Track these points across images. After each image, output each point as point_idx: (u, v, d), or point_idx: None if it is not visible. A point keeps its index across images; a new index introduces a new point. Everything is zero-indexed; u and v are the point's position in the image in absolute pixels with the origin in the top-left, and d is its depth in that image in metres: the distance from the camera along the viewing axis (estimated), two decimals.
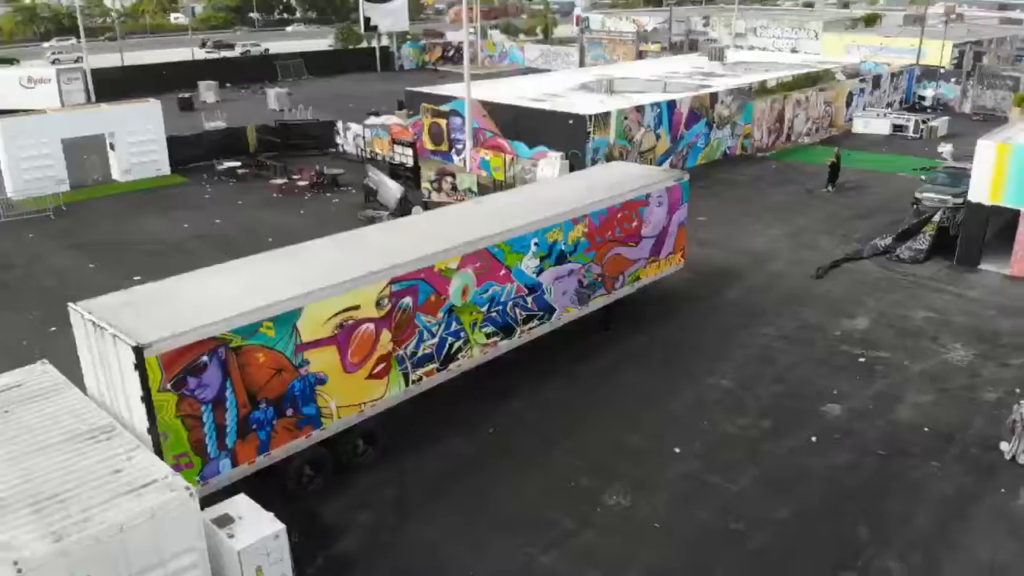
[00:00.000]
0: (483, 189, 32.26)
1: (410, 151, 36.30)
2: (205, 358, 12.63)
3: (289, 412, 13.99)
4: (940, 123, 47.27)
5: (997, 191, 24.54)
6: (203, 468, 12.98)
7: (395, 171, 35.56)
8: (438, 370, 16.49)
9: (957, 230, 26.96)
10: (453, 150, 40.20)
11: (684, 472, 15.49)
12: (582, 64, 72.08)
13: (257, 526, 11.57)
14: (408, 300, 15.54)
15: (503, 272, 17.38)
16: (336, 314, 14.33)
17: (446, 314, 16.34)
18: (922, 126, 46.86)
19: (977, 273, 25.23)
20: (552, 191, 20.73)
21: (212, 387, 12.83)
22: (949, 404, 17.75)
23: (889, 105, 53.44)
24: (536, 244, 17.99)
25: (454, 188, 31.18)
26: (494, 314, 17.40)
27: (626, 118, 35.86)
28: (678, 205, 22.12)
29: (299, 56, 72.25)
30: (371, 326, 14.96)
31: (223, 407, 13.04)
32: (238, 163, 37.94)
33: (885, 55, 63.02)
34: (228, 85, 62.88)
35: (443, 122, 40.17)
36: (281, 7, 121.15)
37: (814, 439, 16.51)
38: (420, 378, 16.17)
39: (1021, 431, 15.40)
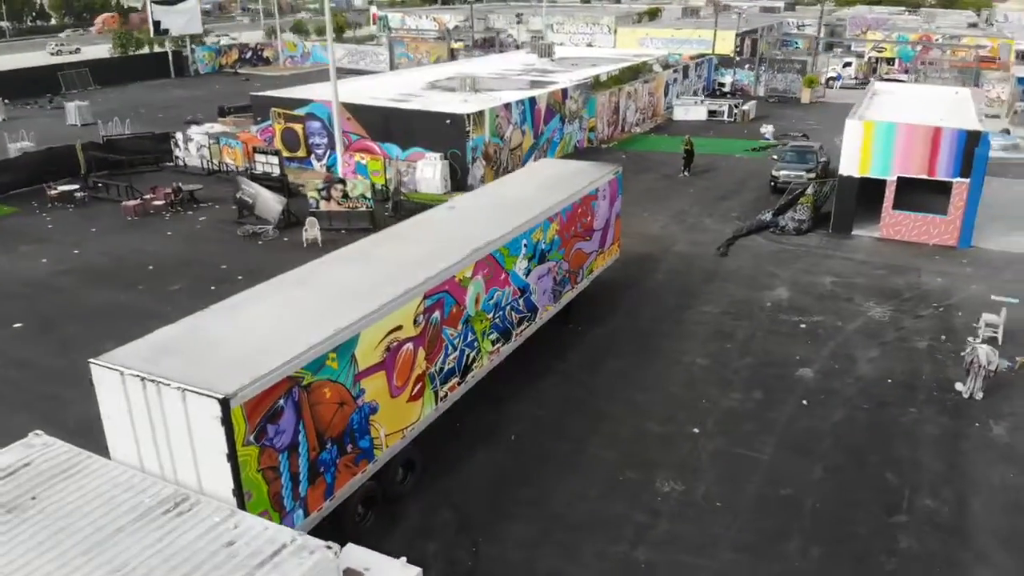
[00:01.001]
0: (380, 194, 31.31)
1: (276, 160, 34.16)
2: (281, 401, 11.37)
3: (349, 448, 12.94)
4: (750, 107, 52.14)
5: (865, 164, 27.67)
6: (281, 523, 11.67)
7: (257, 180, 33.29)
8: (458, 383, 15.92)
9: (823, 202, 30.21)
10: (312, 155, 38.41)
11: (714, 450, 16.15)
12: (392, 65, 71.46)
13: (392, 572, 10.65)
14: (437, 315, 14.87)
15: (503, 276, 17.09)
16: (385, 336, 13.42)
17: (464, 325, 15.81)
18: (735, 110, 51.44)
19: (853, 239, 28.32)
20: (514, 191, 20.55)
21: (287, 432, 11.58)
22: (894, 356, 19.90)
23: (696, 93, 58.02)
24: (525, 245, 17.86)
25: (345, 196, 29.82)
26: (497, 320, 17.08)
27: (498, 116, 36.14)
28: (615, 197, 22.82)
29: (83, 66, 65.07)
30: (410, 345, 14.16)
31: (297, 453, 11.81)
32: (75, 186, 33.72)
33: (677, 47, 68.39)
34: (6, 101, 55.20)
35: (298, 127, 38.21)
36: (34, 14, 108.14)
37: (805, 403, 17.87)
38: (446, 394, 15.52)
39: (976, 371, 17.65)
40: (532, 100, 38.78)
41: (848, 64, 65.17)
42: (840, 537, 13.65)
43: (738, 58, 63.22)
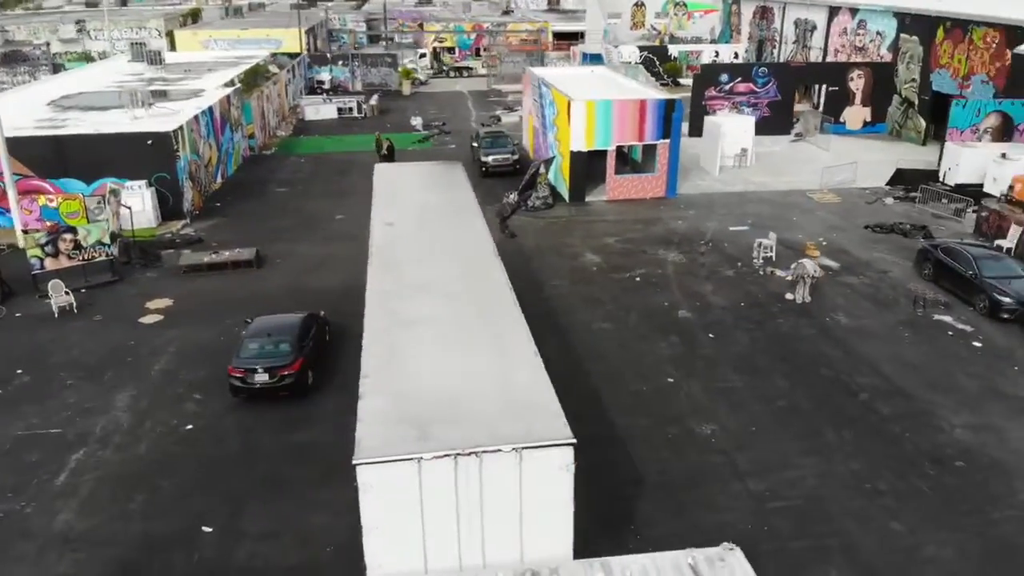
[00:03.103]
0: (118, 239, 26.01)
1: None
2: None
3: None
4: (375, 101, 53.65)
5: (591, 139, 31.81)
6: None
7: None
8: None
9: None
10: None
11: (701, 389, 18.38)
12: None
13: None
14: None
15: None
16: None
17: None
18: (364, 106, 52.54)
19: (589, 205, 32.44)
20: (424, 197, 19.81)
21: None
22: (723, 287, 24.20)
23: (300, 92, 57.36)
24: None
25: (78, 247, 24.17)
26: None
27: (192, 131, 32.10)
28: None
29: None
30: None
31: None
32: None
33: (247, 48, 66.19)
34: None
35: None
36: None
37: (711, 335, 21.07)
38: None
39: (805, 281, 22.73)
40: (210, 110, 35.12)
41: (423, 55, 70.35)
42: (813, 383, 17.17)
43: (330, 55, 63.91)
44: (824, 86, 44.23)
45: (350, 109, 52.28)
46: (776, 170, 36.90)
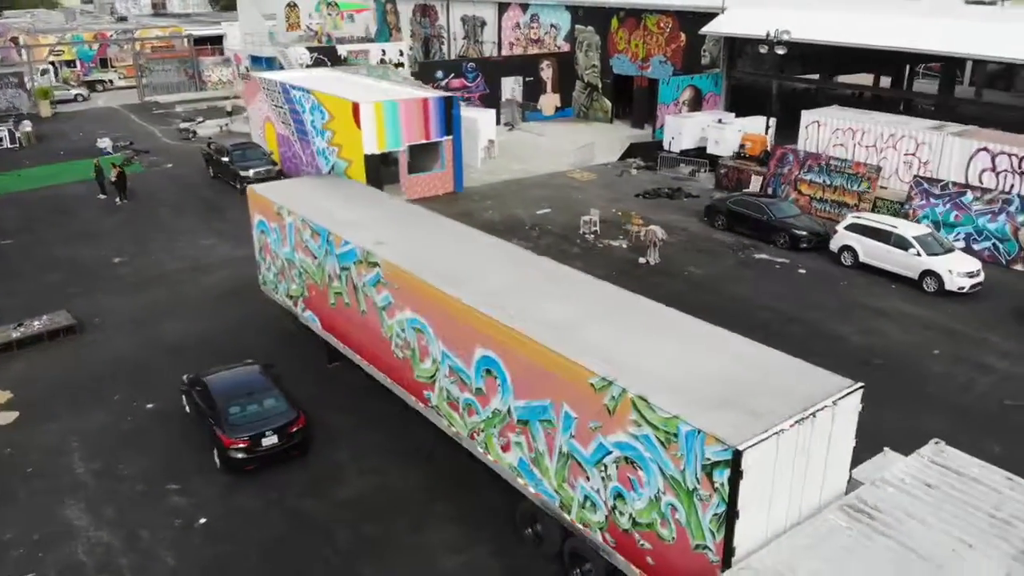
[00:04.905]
0: None
1: None
2: None
3: None
4: (29, 127, 45.00)
5: (382, 141, 31.25)
6: None
7: None
8: None
9: None
10: None
11: None
12: None
13: None
14: None
15: None
16: None
17: None
18: (18, 134, 43.91)
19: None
20: (367, 212, 18.30)
21: None
22: (594, 261, 26.09)
23: None
24: None
25: None
26: None
27: None
28: None
29: None
30: None
31: None
32: None
33: None
34: None
35: None
36: None
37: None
38: None
39: (649, 247, 25.64)
40: None
41: (45, 72, 59.97)
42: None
43: None
44: (523, 77, 48.31)
45: (0, 140, 43.38)
46: (521, 157, 39.79)
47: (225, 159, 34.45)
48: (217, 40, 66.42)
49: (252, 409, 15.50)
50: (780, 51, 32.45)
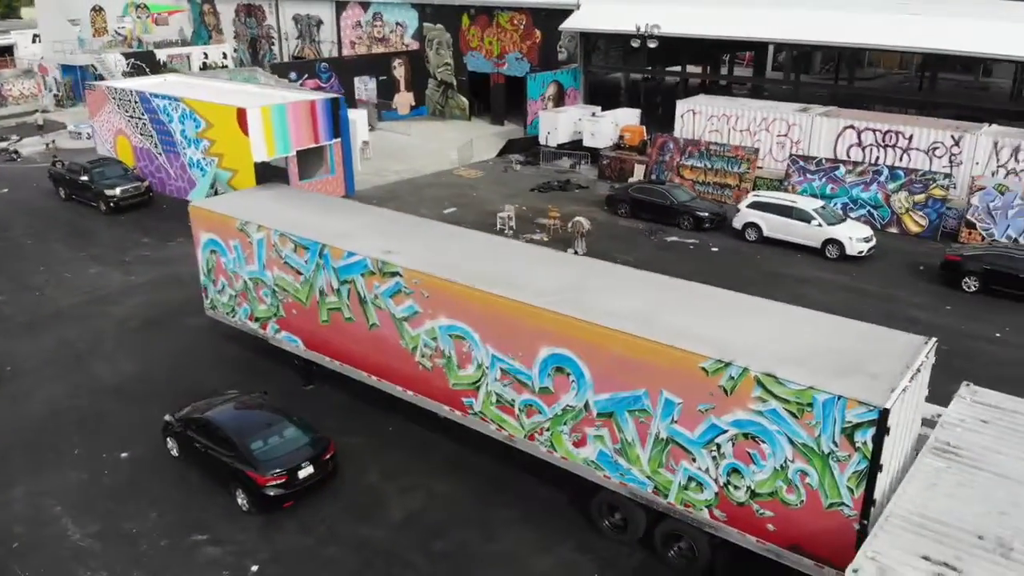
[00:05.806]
0: None
1: None
2: None
3: None
4: None
5: (271, 147, 29.50)
6: None
7: None
8: None
9: None
10: None
11: None
12: None
13: None
14: None
15: None
16: None
17: None
18: None
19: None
20: (360, 220, 17.16)
21: None
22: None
23: None
24: None
25: None
26: None
27: None
28: None
29: None
30: None
31: None
32: None
33: None
34: None
35: None
36: None
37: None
38: None
39: (576, 237, 26.30)
40: None
41: None
42: None
43: None
44: (376, 77, 47.28)
45: None
46: (398, 157, 39.10)
47: (84, 178, 30.93)
48: (7, 50, 59.09)
49: (275, 442, 14.35)
50: (652, 44, 34.29)
